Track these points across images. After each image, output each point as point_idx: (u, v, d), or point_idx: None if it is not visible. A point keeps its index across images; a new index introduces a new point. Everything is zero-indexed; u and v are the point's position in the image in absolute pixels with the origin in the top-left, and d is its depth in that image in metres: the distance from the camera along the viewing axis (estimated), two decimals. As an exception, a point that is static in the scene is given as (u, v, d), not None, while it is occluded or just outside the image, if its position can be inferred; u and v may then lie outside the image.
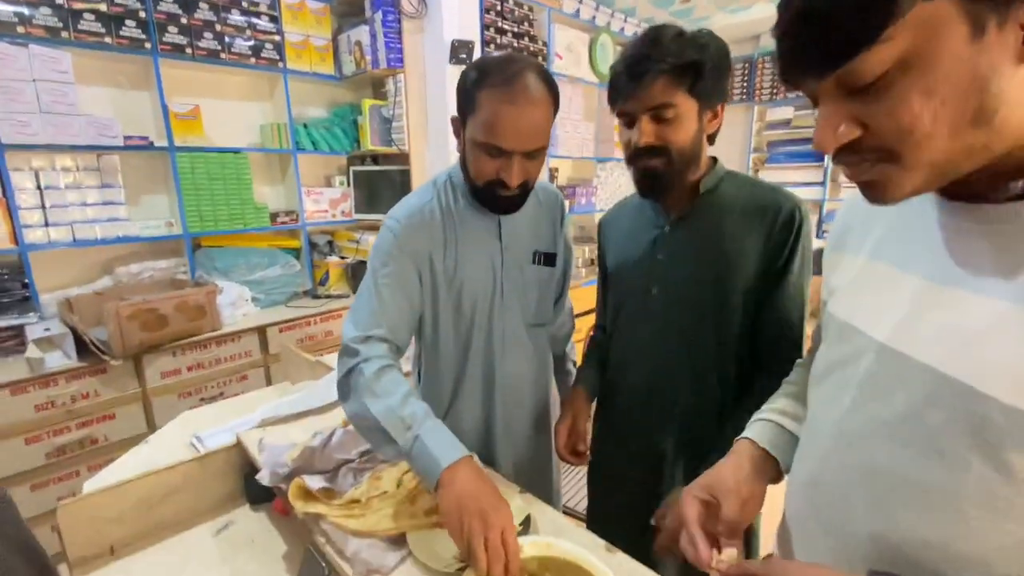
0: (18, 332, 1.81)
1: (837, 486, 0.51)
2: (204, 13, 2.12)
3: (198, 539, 0.95)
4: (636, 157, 0.85)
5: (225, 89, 2.39)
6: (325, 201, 2.66)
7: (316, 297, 2.60)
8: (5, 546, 0.49)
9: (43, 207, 1.87)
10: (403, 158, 2.51)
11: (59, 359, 1.74)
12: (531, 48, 2.83)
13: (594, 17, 3.16)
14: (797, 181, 3.97)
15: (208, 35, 2.14)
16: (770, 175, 4.07)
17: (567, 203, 1.16)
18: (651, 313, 0.93)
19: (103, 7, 1.89)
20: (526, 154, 0.83)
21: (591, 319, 1.18)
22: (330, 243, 2.82)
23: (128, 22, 1.95)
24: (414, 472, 0.76)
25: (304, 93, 2.59)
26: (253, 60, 2.28)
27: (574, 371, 1.21)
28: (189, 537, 0.95)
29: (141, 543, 0.93)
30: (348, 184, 2.75)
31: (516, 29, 2.73)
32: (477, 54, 2.41)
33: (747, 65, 4.11)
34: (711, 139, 0.89)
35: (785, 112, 4.05)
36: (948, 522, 0.42)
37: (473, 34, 2.44)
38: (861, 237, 0.56)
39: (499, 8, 2.63)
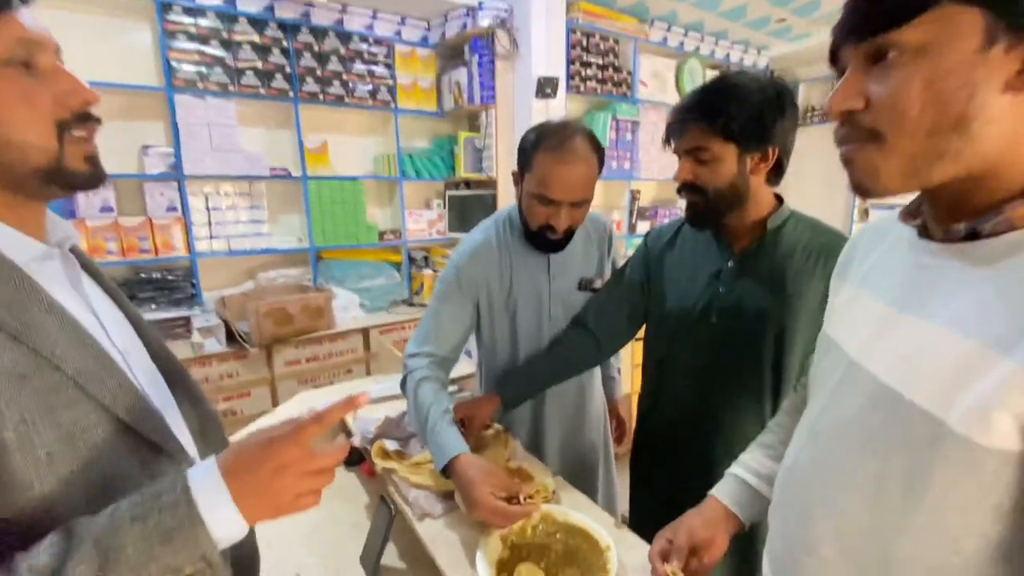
0: (186, 321, 2.30)
1: (803, 473, 0.59)
2: (334, 65, 2.56)
3: (305, 487, 1.20)
4: (680, 192, 0.94)
5: (347, 127, 2.83)
6: (424, 221, 3.01)
7: (411, 305, 2.92)
8: None
9: (209, 224, 2.37)
10: (491, 183, 2.77)
11: (214, 345, 2.19)
12: (616, 77, 2.97)
13: (682, 43, 3.22)
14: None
15: (336, 83, 2.58)
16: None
17: (614, 228, 1.28)
18: (707, 341, 0.97)
19: (259, 65, 2.38)
20: (572, 204, 1.00)
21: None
22: (426, 258, 3.16)
23: (277, 76, 2.43)
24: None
25: (410, 128, 2.97)
26: (370, 102, 2.69)
27: (618, 376, 1.33)
28: (299, 484, 1.21)
29: (266, 484, 1.19)
30: (444, 206, 3.08)
31: (601, 61, 2.90)
32: (562, 88, 2.61)
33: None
34: (772, 180, 0.93)
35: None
36: (877, 511, 0.49)
37: (559, 69, 2.64)
38: (857, 268, 0.63)
39: (585, 44, 2.82)
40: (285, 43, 2.41)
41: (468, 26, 2.60)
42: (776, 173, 0.92)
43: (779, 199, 0.97)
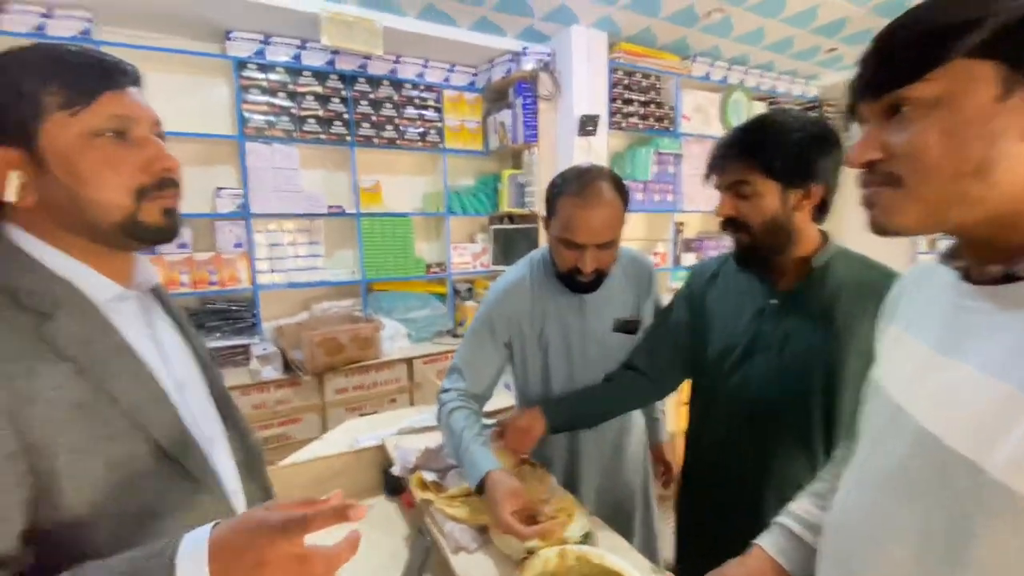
0: (245, 349, 2.45)
1: (848, 523, 0.56)
2: (387, 111, 2.75)
3: (349, 514, 1.24)
4: (723, 228, 0.94)
5: (399, 167, 2.99)
6: (468, 254, 3.10)
7: (455, 336, 2.99)
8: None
9: (270, 258, 2.55)
10: (533, 218, 2.84)
11: (270, 372, 2.32)
12: (657, 113, 3.01)
13: (725, 77, 3.23)
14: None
15: (389, 127, 2.75)
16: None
17: (654, 268, 1.24)
18: (752, 380, 0.94)
19: (320, 113, 2.59)
20: (598, 246, 1.01)
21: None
22: (470, 289, 3.24)
23: (336, 122, 2.63)
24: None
25: (457, 166, 3.11)
26: (420, 143, 2.85)
27: (662, 418, 1.30)
28: (343, 512, 1.25)
29: (312, 509, 1.24)
30: (488, 240, 3.17)
31: (643, 98, 2.95)
32: (603, 125, 2.67)
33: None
34: (817, 217, 0.91)
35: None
36: (922, 563, 0.46)
37: (600, 107, 2.71)
38: (904, 309, 0.61)
39: (626, 82, 2.88)
40: (344, 92, 2.62)
41: (512, 70, 2.73)
42: (821, 210, 0.91)
43: (824, 236, 0.95)
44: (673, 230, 3.14)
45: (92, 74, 0.53)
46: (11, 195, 0.52)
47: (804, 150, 0.85)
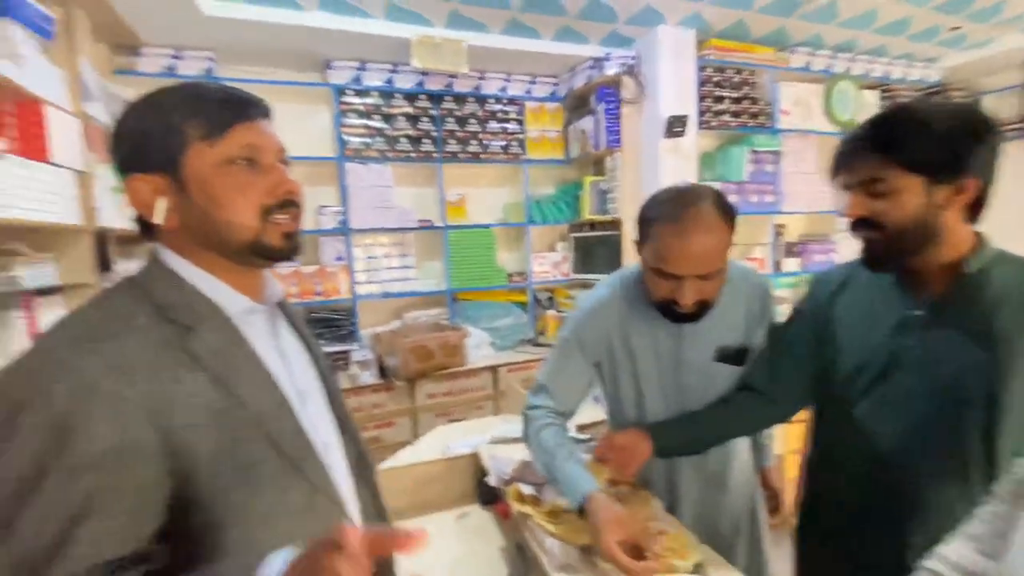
0: (345, 355, 2.63)
1: None
2: (472, 126, 2.84)
3: (445, 520, 1.28)
4: (853, 229, 0.84)
5: (482, 180, 3.08)
6: (548, 263, 3.11)
7: (536, 345, 3.00)
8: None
9: (367, 270, 2.72)
10: (616, 224, 2.78)
11: (367, 377, 2.47)
12: (752, 109, 2.83)
13: (829, 66, 2.97)
14: None
15: (474, 142, 2.84)
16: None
17: (770, 289, 1.10)
18: (892, 401, 0.85)
19: (411, 132, 2.73)
20: (699, 277, 0.89)
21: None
22: (550, 298, 3.24)
23: (425, 141, 2.76)
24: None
25: (538, 176, 3.14)
26: (503, 156, 2.91)
27: (769, 443, 1.22)
28: (439, 517, 1.29)
29: (410, 512, 1.30)
30: (568, 248, 3.16)
31: (735, 94, 2.79)
32: (692, 125, 2.56)
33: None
34: (971, 216, 0.81)
35: None
36: None
37: (689, 107, 2.60)
38: None
39: (717, 79, 2.74)
40: (432, 111, 2.75)
41: (594, 76, 2.71)
42: (975, 208, 0.79)
43: (979, 238, 0.82)
44: (772, 233, 2.92)
45: (227, 108, 0.58)
46: (159, 218, 0.58)
47: (955, 140, 0.75)
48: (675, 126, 2.49)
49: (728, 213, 0.91)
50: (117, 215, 1.84)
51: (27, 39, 1.41)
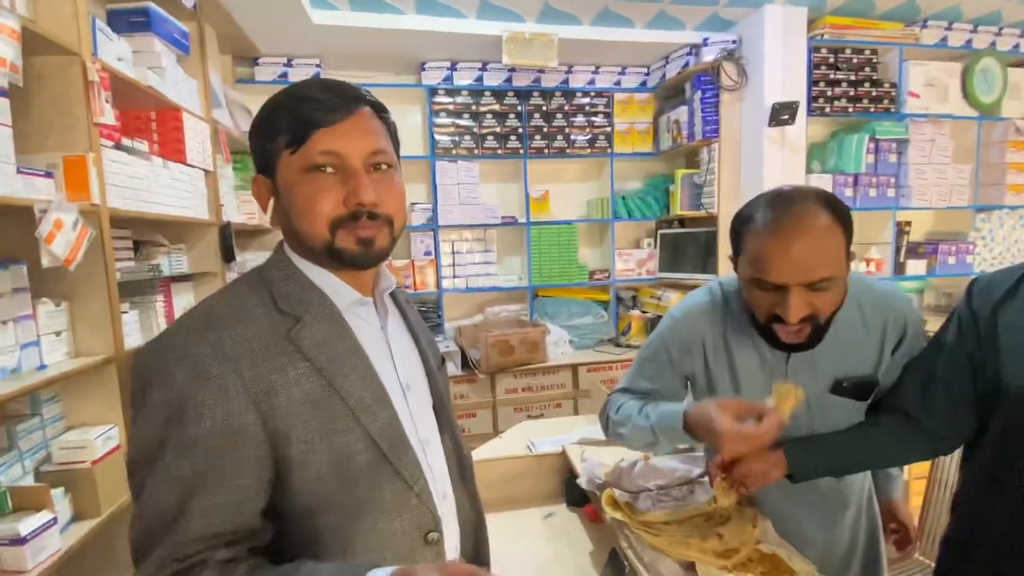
0: (431, 347, 2.72)
1: None
2: (558, 121, 2.80)
3: (531, 518, 1.26)
4: None
5: (565, 175, 3.04)
6: (633, 261, 3.00)
7: (618, 345, 2.91)
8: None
9: (453, 265, 2.79)
10: (710, 220, 2.61)
11: (452, 368, 2.53)
12: (873, 92, 2.53)
13: (969, 41, 2.58)
14: None
15: (559, 137, 2.81)
16: None
17: (915, 317, 0.91)
18: None
19: (498, 129, 2.75)
20: (808, 286, 0.76)
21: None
22: (634, 298, 3.12)
23: (511, 137, 2.76)
24: (665, 441, 0.89)
25: (624, 170, 3.03)
26: (588, 150, 2.85)
27: (900, 473, 1.07)
28: (526, 514, 1.28)
29: (497, 507, 1.30)
30: (654, 246, 3.02)
31: (853, 77, 2.51)
32: (802, 113, 2.33)
33: None
34: None
35: None
36: None
37: (799, 93, 2.38)
38: None
39: (831, 60, 2.48)
40: (519, 107, 2.75)
41: (691, 64, 2.56)
42: None
43: None
44: (894, 231, 2.59)
45: (307, 114, 0.57)
46: (267, 216, 0.62)
47: None
48: (782, 113, 2.29)
49: (839, 211, 0.78)
50: (238, 211, 2.02)
51: (167, 52, 1.58)
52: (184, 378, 0.51)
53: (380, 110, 0.63)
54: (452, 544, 0.68)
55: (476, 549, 0.75)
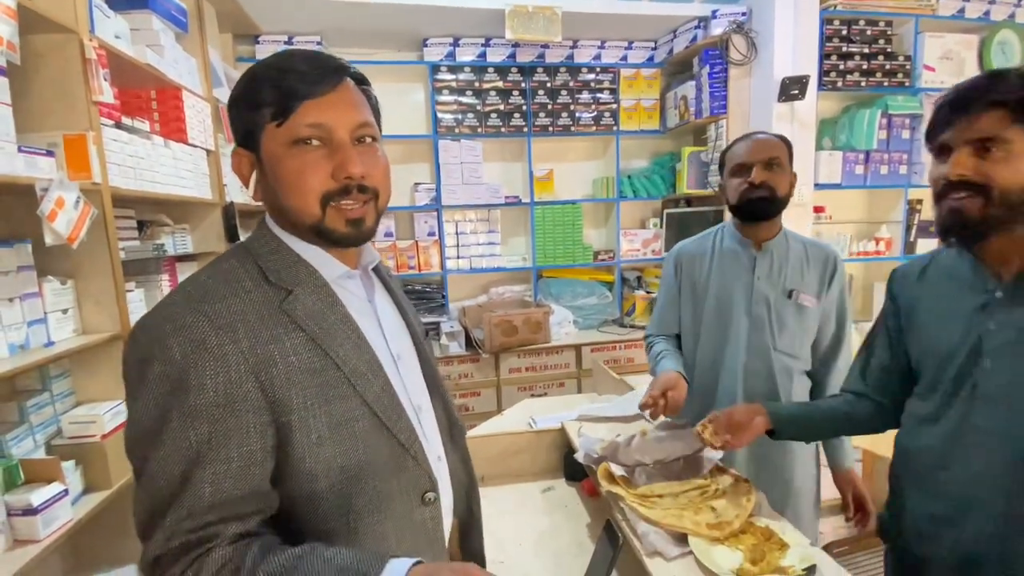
0: (436, 326, 2.73)
1: None
2: (563, 98, 2.75)
3: (530, 491, 1.29)
4: (945, 193, 0.75)
5: (570, 154, 3.00)
6: (638, 241, 2.97)
7: (622, 326, 2.91)
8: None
9: (457, 246, 2.78)
10: (718, 199, 2.58)
11: (456, 348, 2.55)
12: (887, 66, 2.45)
13: (987, 12, 2.49)
14: None
15: (564, 115, 2.76)
16: None
17: (840, 262, 1.24)
18: (983, 393, 0.76)
19: (501, 107, 2.71)
20: (763, 164, 1.13)
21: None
22: (639, 278, 3.10)
23: (515, 115, 2.73)
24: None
25: (630, 148, 2.99)
26: (594, 128, 2.81)
27: (845, 441, 1.21)
28: (525, 488, 1.30)
29: (497, 480, 1.32)
30: (660, 225, 2.99)
31: (867, 50, 2.43)
32: (812, 88, 2.27)
33: None
34: None
35: None
36: None
37: (810, 66, 2.31)
38: None
39: (844, 32, 2.41)
40: (523, 84, 2.70)
41: (699, 38, 2.50)
42: None
43: None
44: (904, 210, 2.54)
45: (292, 86, 0.55)
46: (250, 191, 0.62)
47: None
48: (792, 88, 2.23)
49: (786, 141, 1.18)
50: (241, 191, 2.03)
51: (165, 30, 1.57)
52: (182, 350, 0.51)
53: (361, 82, 0.63)
54: (447, 504, 0.70)
55: (469, 509, 0.78)
